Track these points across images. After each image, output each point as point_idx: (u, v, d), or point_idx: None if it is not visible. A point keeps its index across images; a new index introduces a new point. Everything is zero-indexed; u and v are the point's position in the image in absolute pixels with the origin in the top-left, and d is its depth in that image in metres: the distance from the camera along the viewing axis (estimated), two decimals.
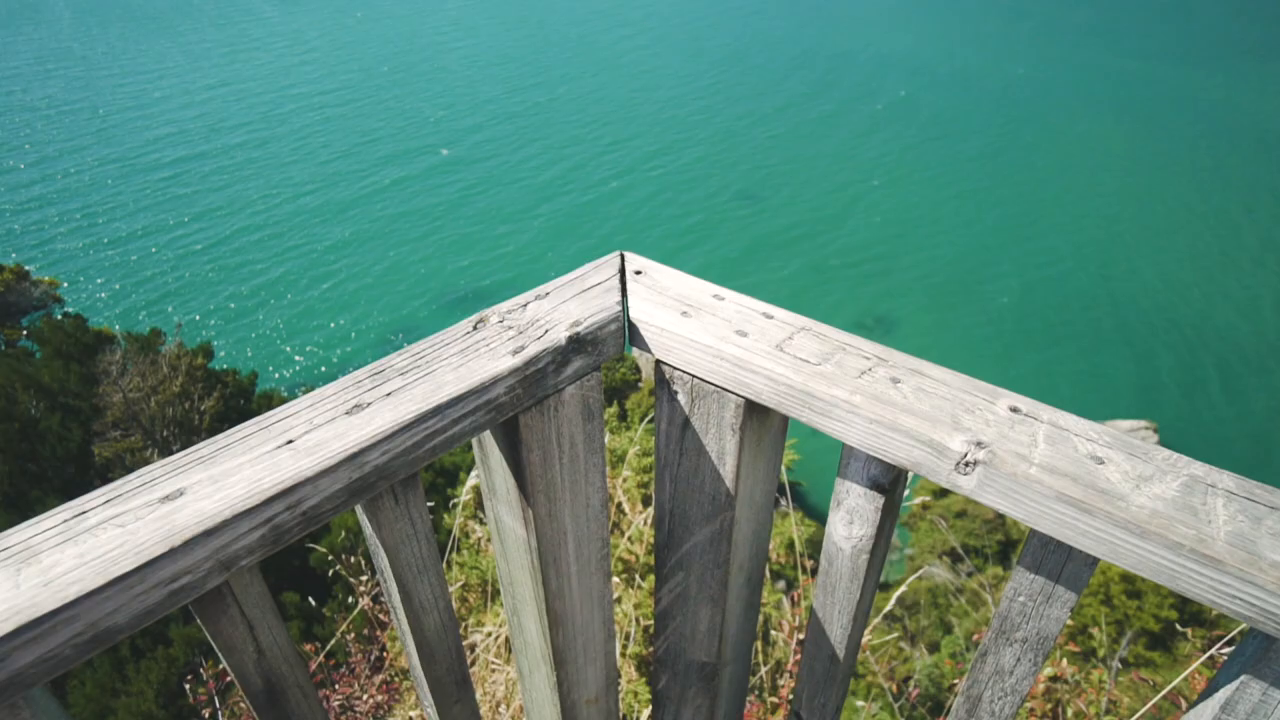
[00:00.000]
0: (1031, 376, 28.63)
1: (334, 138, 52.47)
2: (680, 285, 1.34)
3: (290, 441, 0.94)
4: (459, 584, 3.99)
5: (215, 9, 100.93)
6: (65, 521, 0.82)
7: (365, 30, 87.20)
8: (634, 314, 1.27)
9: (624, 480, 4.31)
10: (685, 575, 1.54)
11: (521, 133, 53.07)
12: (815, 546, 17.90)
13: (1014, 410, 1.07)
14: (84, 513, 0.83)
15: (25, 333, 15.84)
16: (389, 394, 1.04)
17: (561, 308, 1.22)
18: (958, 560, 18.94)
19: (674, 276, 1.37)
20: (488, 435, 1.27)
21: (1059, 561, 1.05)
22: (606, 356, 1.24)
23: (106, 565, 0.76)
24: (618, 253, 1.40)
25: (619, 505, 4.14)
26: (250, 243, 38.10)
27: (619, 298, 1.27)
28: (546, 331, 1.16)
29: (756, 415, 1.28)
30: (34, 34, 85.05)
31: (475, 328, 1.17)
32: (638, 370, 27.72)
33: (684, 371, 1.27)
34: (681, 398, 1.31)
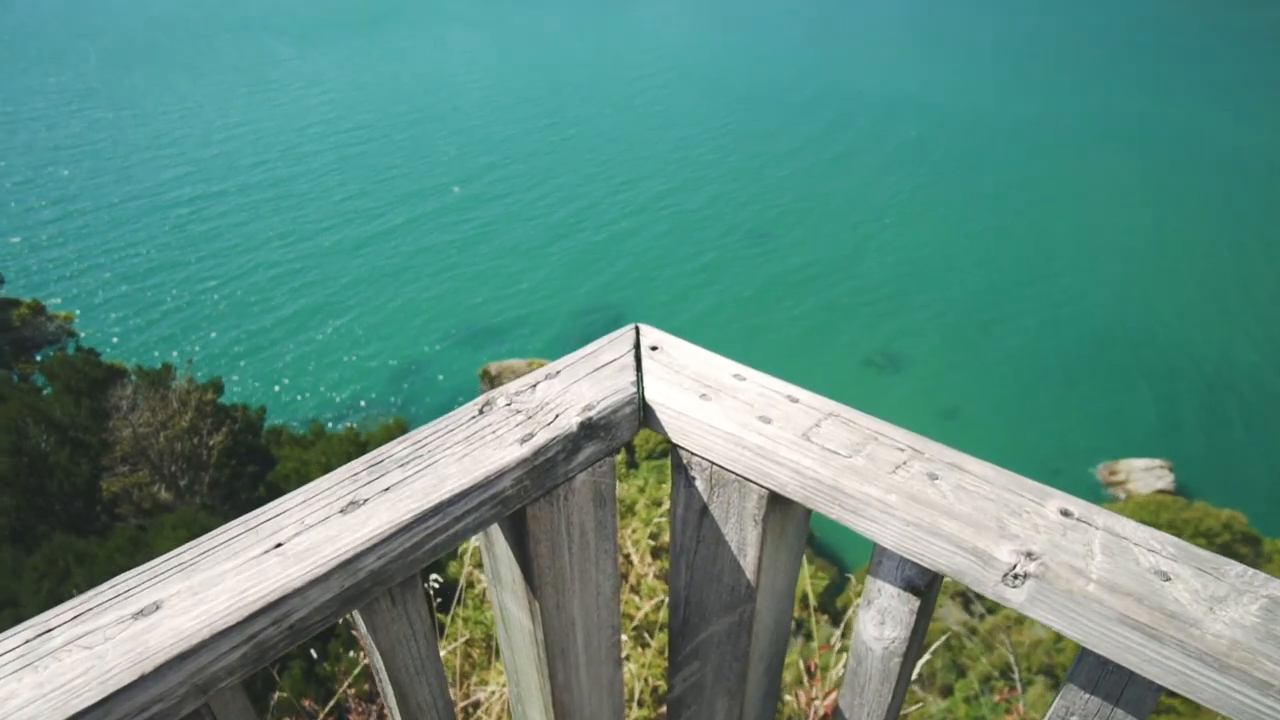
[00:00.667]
0: (1050, 415, 28.31)
1: (350, 176, 53.35)
2: (699, 363, 1.27)
3: (279, 545, 0.87)
4: (463, 639, 3.83)
5: (236, 51, 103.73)
6: (28, 642, 0.74)
7: (381, 71, 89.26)
8: (649, 395, 1.20)
9: (633, 531, 4.19)
10: (701, 665, 1.44)
11: (535, 172, 53.80)
12: (833, 593, 17.53)
13: (1065, 514, 0.99)
14: (49, 630, 0.75)
15: (39, 367, 15.94)
16: (387, 489, 0.96)
17: (573, 389, 1.15)
18: (970, 602, 18.53)
19: (692, 353, 1.30)
20: (493, 526, 1.19)
21: (1119, 684, 0.93)
22: (621, 441, 1.17)
23: (67, 698, 0.68)
24: (632, 326, 1.33)
25: (627, 555, 4.01)
26: (265, 279, 38.52)
27: (634, 377, 1.20)
28: (557, 416, 1.09)
29: (780, 505, 1.20)
30: (60, 76, 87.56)
31: (481, 411, 1.11)
32: None
33: (702, 458, 1.19)
34: (699, 484, 1.23)
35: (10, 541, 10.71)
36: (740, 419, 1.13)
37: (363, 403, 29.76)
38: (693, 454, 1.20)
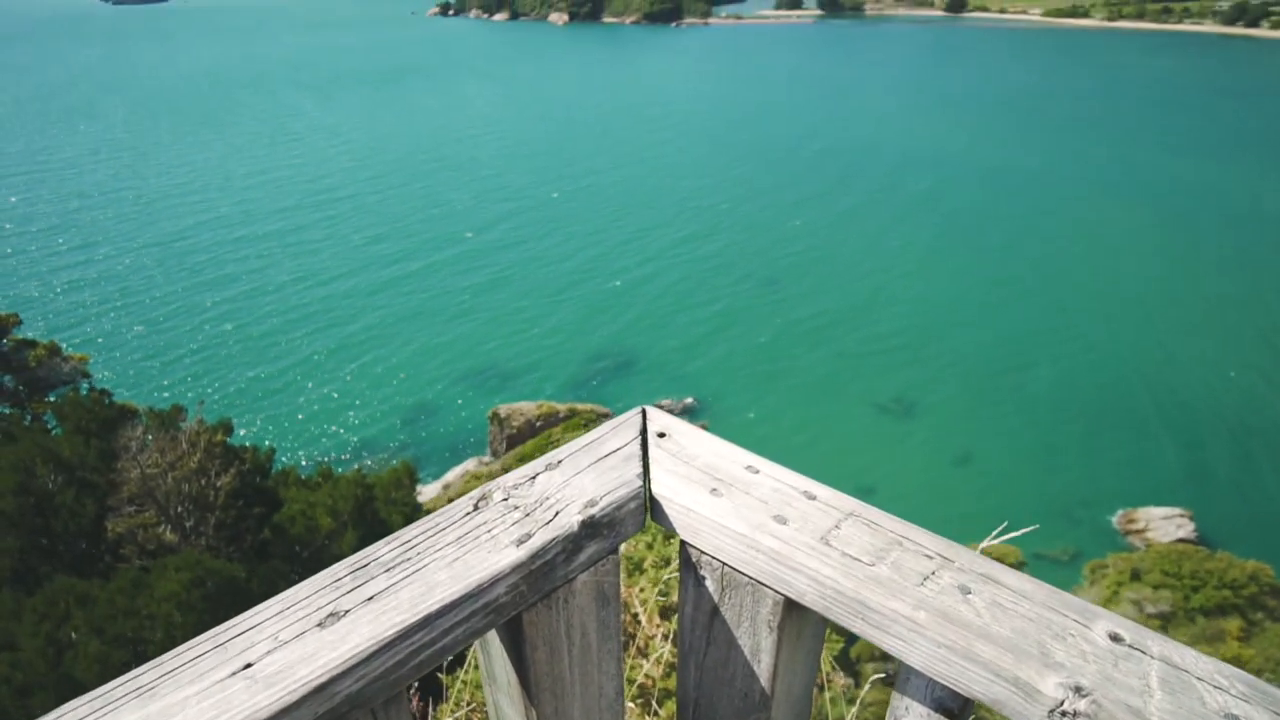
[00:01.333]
0: (1066, 462, 27.86)
1: (366, 223, 54.30)
2: (709, 453, 1.19)
3: (248, 665, 0.79)
4: (466, 707, 3.56)
5: (259, 104, 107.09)
6: None
7: (399, 123, 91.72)
8: (657, 488, 1.12)
9: (640, 590, 4.01)
10: None
11: (548, 221, 54.60)
12: (843, 666, 17.04)
13: (1115, 639, 0.88)
14: None
15: (51, 407, 16.00)
16: (370, 598, 0.88)
17: (575, 481, 1.07)
18: None
19: (701, 441, 1.22)
20: None
21: None
22: (625, 537, 1.09)
23: None
24: (639, 410, 1.25)
25: (634, 615, 3.82)
26: (280, 324, 38.92)
27: (639, 469, 1.12)
28: (556, 514, 1.01)
29: (798, 612, 1.10)
30: (90, 127, 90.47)
31: (476, 507, 1.04)
32: None
33: (713, 557, 1.11)
34: (710, 584, 1.15)
35: (12, 582, 10.61)
36: (754, 518, 1.06)
37: (372, 444, 29.70)
38: (703, 552, 1.13)
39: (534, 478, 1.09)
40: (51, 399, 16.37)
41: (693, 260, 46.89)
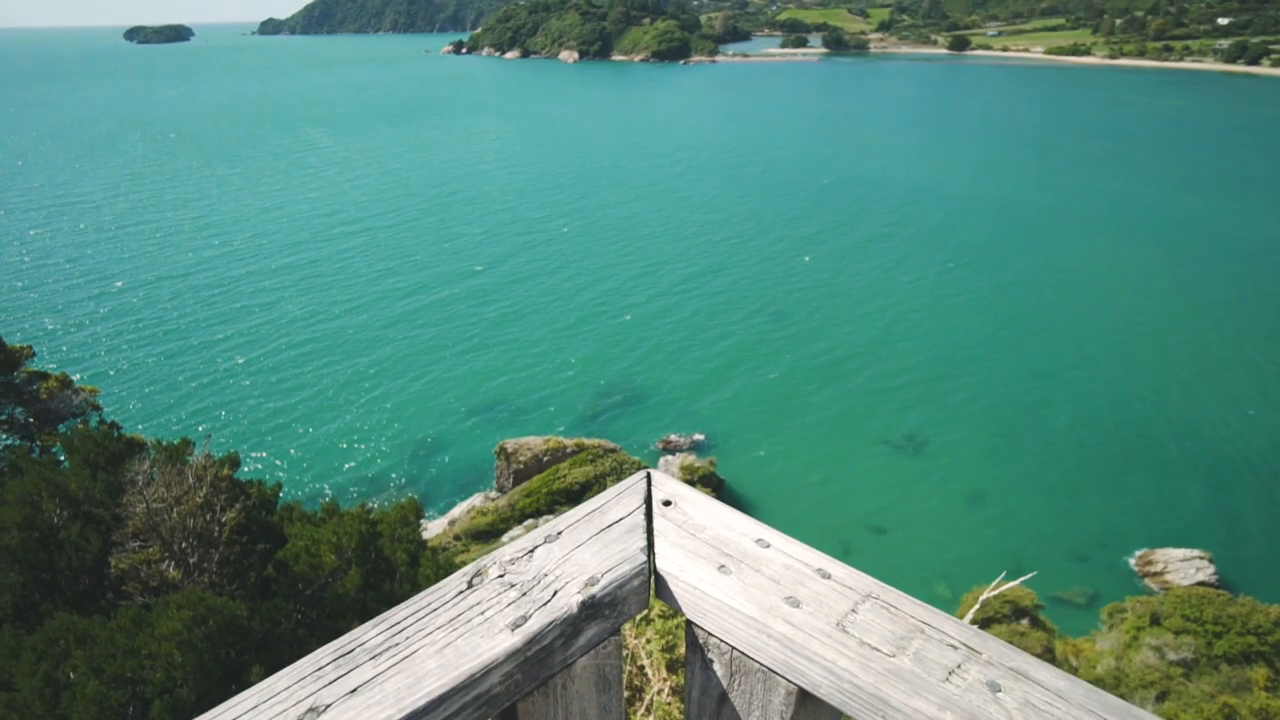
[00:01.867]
0: (1082, 501, 27.41)
1: (378, 257, 54.87)
2: (717, 524, 1.12)
3: None
4: None
5: (276, 139, 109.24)
6: None
7: (412, 158, 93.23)
8: (662, 564, 1.06)
9: (646, 641, 3.88)
10: None
11: (559, 255, 55.03)
12: None
13: None
14: None
15: (60, 440, 16.02)
16: (353, 690, 0.81)
17: (575, 556, 1.01)
18: None
19: (709, 511, 1.14)
20: None
21: None
22: (628, 617, 1.01)
23: None
24: (643, 475, 1.18)
25: (641, 667, 3.68)
26: (291, 358, 39.11)
27: (643, 541, 1.06)
28: (555, 594, 0.95)
29: (812, 703, 1.03)
30: (110, 162, 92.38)
31: (470, 584, 0.97)
32: None
33: (721, 640, 1.04)
34: (718, 668, 1.07)
35: (13, 619, 10.51)
36: (765, 600, 0.99)
37: (379, 479, 29.58)
38: (710, 634, 1.05)
39: (532, 551, 1.03)
40: (61, 431, 16.40)
41: (703, 295, 47.00)
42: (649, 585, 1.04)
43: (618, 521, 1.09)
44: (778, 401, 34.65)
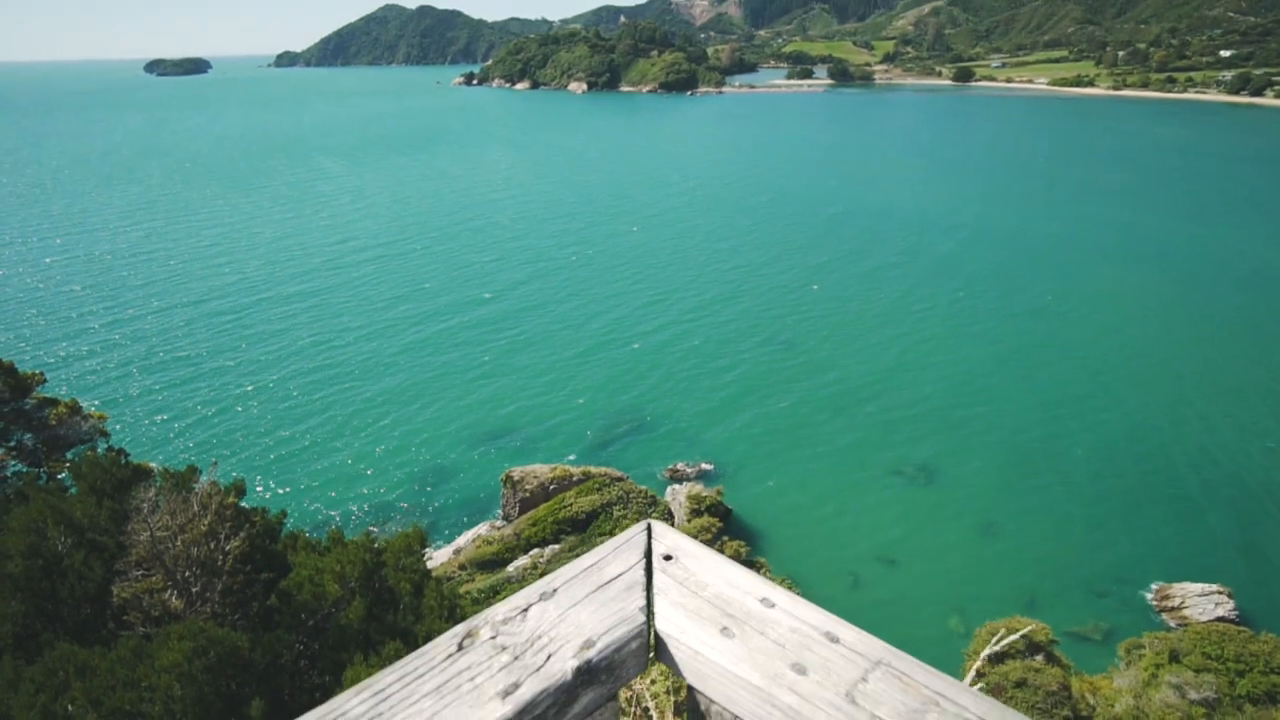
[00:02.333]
0: (1096, 534, 26.97)
1: (388, 286, 55.24)
2: (720, 580, 1.06)
3: None
4: None
5: (289, 169, 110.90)
6: None
7: (423, 187, 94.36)
8: (661, 624, 1.00)
9: (651, 682, 3.76)
10: None
11: (569, 283, 55.27)
12: None
13: None
14: None
15: (67, 466, 16.04)
16: None
17: (571, 615, 0.96)
18: None
19: (711, 566, 1.09)
20: None
21: None
22: (625, 681, 0.96)
23: None
24: (644, 527, 1.12)
25: (645, 710, 3.56)
26: (302, 385, 39.20)
27: (642, 600, 1.01)
28: (549, 657, 0.90)
29: None
30: (127, 190, 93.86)
31: (460, 647, 0.92)
32: (670, 516, 26.90)
33: (724, 708, 0.98)
34: None
35: (13, 649, 10.39)
36: (770, 666, 0.94)
37: (386, 507, 29.43)
38: (712, 701, 0.99)
39: (526, 610, 0.98)
40: (69, 458, 16.41)
41: (712, 324, 46.99)
42: (648, 647, 0.99)
43: (616, 578, 1.03)
44: (787, 431, 34.40)
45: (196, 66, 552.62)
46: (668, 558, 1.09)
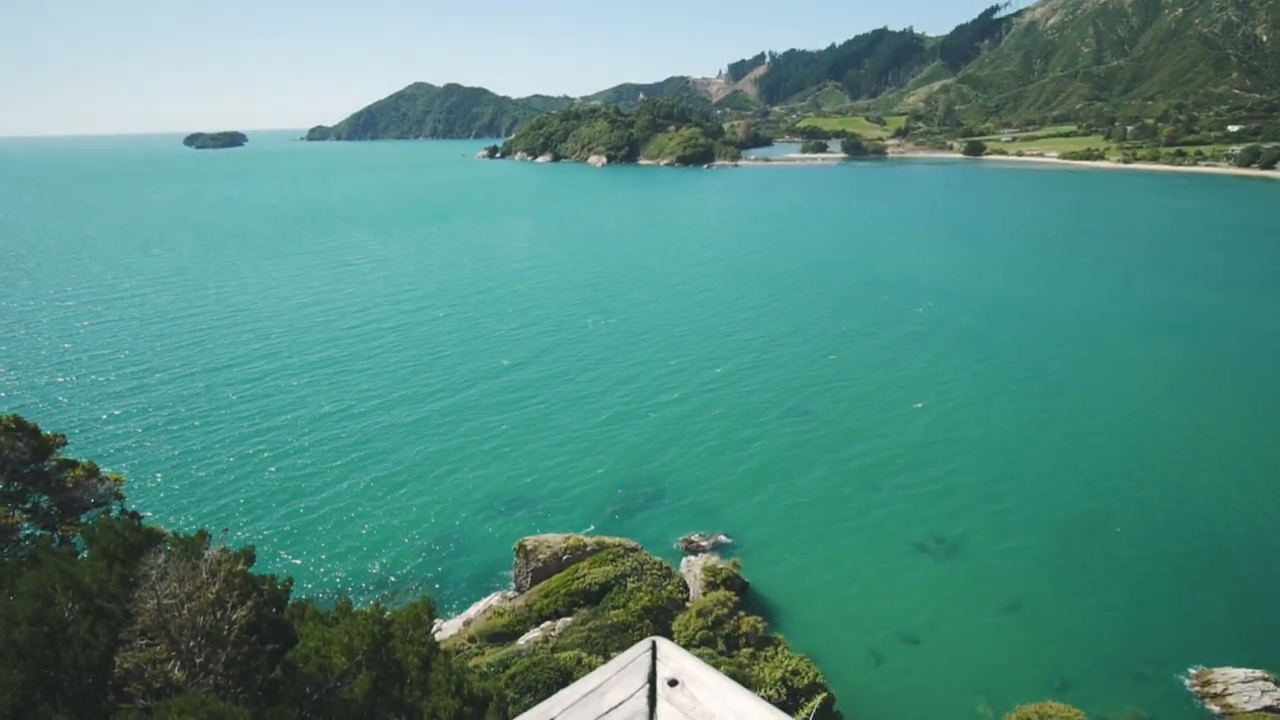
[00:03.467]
0: (1131, 614, 25.88)
1: (409, 354, 55.83)
2: (728, 710, 0.99)
3: None
4: None
5: (317, 236, 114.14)
6: None
7: (445, 257, 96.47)
8: None
9: None
10: None
11: (587, 353, 55.50)
12: None
13: None
14: None
15: (81, 529, 15.99)
16: None
17: None
18: None
19: (719, 693, 1.02)
20: None
21: None
22: None
23: None
24: (648, 645, 1.07)
25: None
26: (319, 453, 39.21)
27: None
28: None
29: None
30: (160, 257, 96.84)
31: None
32: (685, 588, 26.16)
33: None
34: None
35: None
36: None
37: (397, 576, 28.96)
38: None
39: None
40: (83, 521, 16.41)
41: (735, 394, 46.68)
42: None
43: (617, 707, 0.97)
44: (810, 504, 33.70)
45: (233, 140, 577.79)
46: (673, 683, 1.03)
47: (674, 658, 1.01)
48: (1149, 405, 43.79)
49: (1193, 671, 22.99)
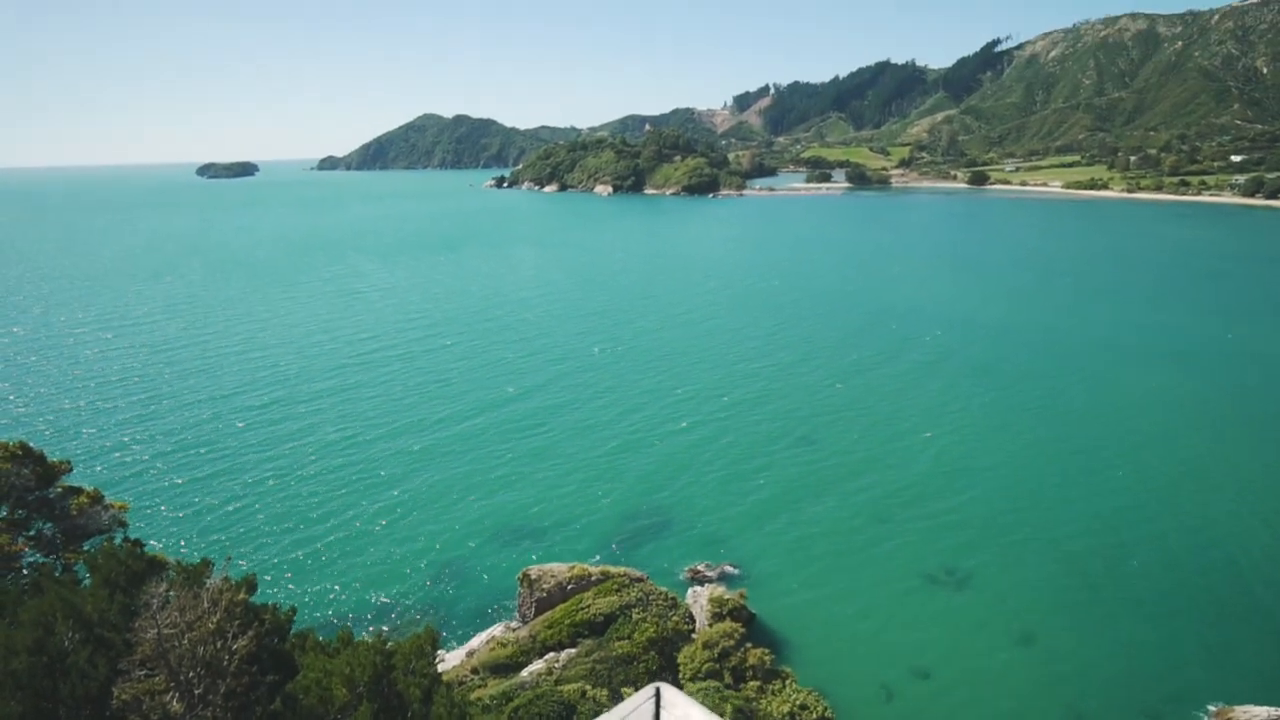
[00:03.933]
0: (1147, 648, 25.33)
1: (415, 382, 55.84)
2: None
3: None
4: None
5: (326, 265, 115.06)
6: None
7: (452, 284, 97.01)
8: None
9: None
10: None
11: (595, 382, 55.38)
12: None
13: None
14: None
15: (83, 557, 15.88)
16: None
17: None
18: None
19: None
20: None
21: None
22: None
23: None
24: (652, 694, 1.00)
25: None
26: (324, 481, 39.05)
27: None
28: None
29: None
30: (171, 286, 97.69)
31: None
32: (691, 619, 25.75)
33: None
34: None
35: None
36: None
37: (400, 605, 28.64)
38: None
39: None
40: (86, 549, 16.30)
41: (743, 424, 46.37)
42: None
43: None
44: (819, 536, 33.26)
45: (245, 169, 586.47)
46: None
47: (678, 705, 0.92)
48: (1162, 436, 43.31)
49: (1212, 709, 22.41)
